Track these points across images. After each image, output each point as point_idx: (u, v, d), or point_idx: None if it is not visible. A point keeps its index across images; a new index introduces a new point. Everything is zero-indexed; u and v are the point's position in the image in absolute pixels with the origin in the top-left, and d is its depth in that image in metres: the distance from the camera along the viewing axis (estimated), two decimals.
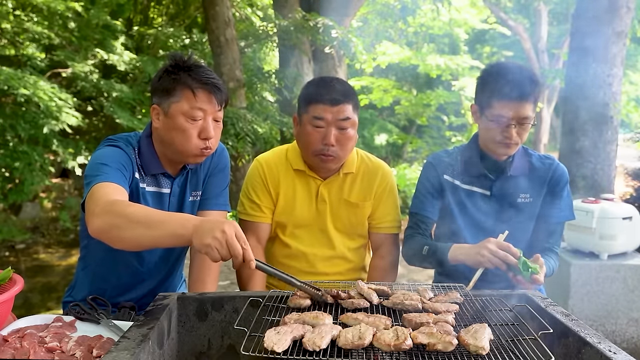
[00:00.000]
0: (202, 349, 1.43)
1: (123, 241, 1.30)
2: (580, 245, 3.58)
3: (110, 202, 1.33)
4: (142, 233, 1.26)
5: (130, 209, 1.30)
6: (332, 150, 1.80)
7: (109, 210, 1.31)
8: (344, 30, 7.73)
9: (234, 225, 1.20)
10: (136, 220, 1.26)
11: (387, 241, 2.01)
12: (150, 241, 1.29)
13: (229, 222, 1.20)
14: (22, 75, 6.86)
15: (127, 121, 8.05)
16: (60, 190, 9.95)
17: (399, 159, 14.46)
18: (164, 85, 1.57)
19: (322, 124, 1.78)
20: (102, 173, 1.46)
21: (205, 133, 1.56)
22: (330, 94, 1.77)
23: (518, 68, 1.74)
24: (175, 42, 9.89)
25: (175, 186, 1.71)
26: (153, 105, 1.60)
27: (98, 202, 1.35)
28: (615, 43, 5.05)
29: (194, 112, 1.54)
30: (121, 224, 1.27)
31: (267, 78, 8.92)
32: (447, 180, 1.89)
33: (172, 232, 1.23)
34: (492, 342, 1.13)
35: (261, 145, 6.75)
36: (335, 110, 1.77)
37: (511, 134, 1.72)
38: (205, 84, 1.55)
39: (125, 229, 1.27)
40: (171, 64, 1.58)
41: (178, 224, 1.23)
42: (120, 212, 1.29)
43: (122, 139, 1.65)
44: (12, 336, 1.27)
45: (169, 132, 1.57)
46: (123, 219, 1.27)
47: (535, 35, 13.76)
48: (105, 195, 1.37)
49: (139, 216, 1.27)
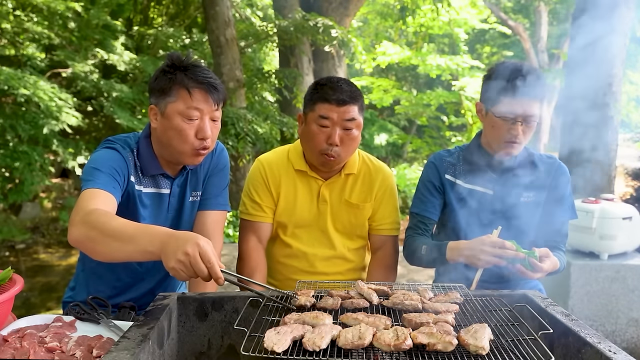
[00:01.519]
0: (202, 349, 1.43)
1: (98, 254, 1.30)
2: (580, 245, 3.58)
3: (88, 212, 1.31)
4: (115, 248, 1.25)
5: (104, 222, 1.28)
6: (335, 151, 1.80)
7: (86, 220, 1.29)
8: (344, 30, 7.73)
9: (197, 244, 1.16)
10: (110, 234, 1.25)
11: (387, 243, 2.01)
12: (122, 256, 1.27)
13: (191, 242, 1.16)
14: (22, 75, 6.87)
15: (127, 121, 8.05)
16: (60, 190, 9.95)
17: (399, 159, 14.47)
18: (160, 85, 1.56)
19: (327, 123, 1.79)
20: (92, 179, 1.46)
21: (202, 133, 1.55)
22: (337, 94, 1.78)
23: (526, 66, 1.75)
24: (175, 42, 9.89)
25: (175, 187, 1.71)
26: (150, 105, 1.60)
27: (78, 211, 1.33)
28: (615, 43, 5.05)
29: (190, 112, 1.54)
30: (95, 237, 1.26)
31: (267, 78, 8.93)
32: (448, 179, 1.89)
33: (143, 249, 1.22)
34: (492, 342, 1.13)
35: (261, 145, 6.76)
36: (341, 110, 1.78)
37: (517, 131, 1.72)
38: (201, 84, 1.54)
39: (99, 243, 1.26)
40: (168, 64, 1.57)
41: (147, 241, 1.21)
42: (95, 224, 1.27)
43: (121, 140, 1.64)
44: (12, 336, 1.27)
45: (166, 133, 1.57)
46: (97, 232, 1.26)
47: (535, 35, 13.76)
48: (87, 204, 1.36)
49: (113, 230, 1.25)
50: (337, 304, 1.36)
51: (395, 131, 14.39)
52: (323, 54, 8.26)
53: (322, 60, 8.45)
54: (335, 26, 7.42)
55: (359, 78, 13.23)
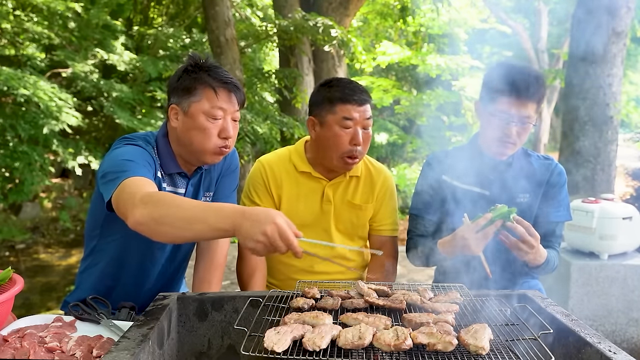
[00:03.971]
0: (202, 349, 1.43)
1: (162, 234, 1.26)
2: (580, 245, 3.58)
3: (149, 194, 1.29)
4: (183, 227, 1.22)
5: (170, 202, 1.26)
6: (359, 151, 1.82)
7: (148, 202, 1.26)
8: (343, 30, 7.73)
9: (275, 224, 1.14)
10: (177, 215, 1.22)
11: (386, 243, 2.02)
12: (190, 235, 1.25)
13: (269, 222, 1.14)
14: (22, 75, 6.87)
15: (127, 121, 8.06)
16: (60, 190, 9.95)
17: (399, 158, 14.46)
18: (184, 85, 1.56)
19: (350, 124, 1.80)
20: (129, 169, 1.41)
21: (225, 132, 1.57)
22: (357, 94, 1.80)
23: (524, 67, 1.76)
24: (175, 42, 9.89)
25: (189, 186, 1.71)
26: (171, 105, 1.59)
27: (135, 195, 1.30)
28: (615, 43, 5.05)
29: (214, 111, 1.54)
30: (160, 217, 1.23)
31: (267, 78, 8.93)
32: (446, 180, 1.89)
33: (213, 227, 1.19)
34: (492, 342, 1.13)
35: (261, 145, 6.76)
36: (362, 109, 1.80)
37: (511, 132, 1.72)
38: (226, 83, 1.56)
39: (164, 223, 1.23)
40: (191, 64, 1.58)
41: (218, 219, 1.18)
42: (159, 204, 1.25)
43: (140, 138, 1.62)
44: (12, 336, 1.27)
45: (188, 132, 1.56)
46: (162, 212, 1.23)
47: (535, 35, 13.77)
48: (142, 187, 1.34)
49: (179, 209, 1.23)
50: (337, 304, 1.36)
51: (395, 131, 14.38)
52: (323, 54, 8.25)
53: (322, 60, 8.44)
54: (335, 26, 7.41)
55: (359, 78, 13.20)
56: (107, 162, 1.49)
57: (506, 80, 1.70)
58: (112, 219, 1.56)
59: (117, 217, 1.37)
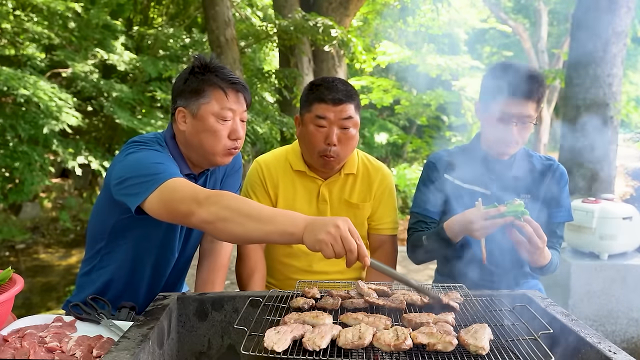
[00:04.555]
0: (202, 349, 1.43)
1: (229, 234, 1.27)
2: (580, 245, 3.58)
3: (215, 194, 1.30)
4: (251, 227, 1.23)
5: (239, 203, 1.27)
6: (334, 150, 1.81)
7: (215, 201, 1.27)
8: (343, 30, 7.73)
9: (347, 221, 1.18)
10: (246, 214, 1.23)
11: (386, 242, 2.02)
12: (257, 235, 1.25)
13: (342, 218, 1.18)
14: (22, 75, 6.87)
15: (127, 121, 8.06)
16: (60, 190, 9.95)
17: (399, 158, 14.47)
18: (192, 87, 1.54)
19: (324, 123, 1.79)
20: (163, 170, 1.39)
21: (235, 133, 1.56)
22: (332, 94, 1.79)
23: (524, 67, 1.75)
24: (175, 42, 9.89)
25: None
26: (178, 108, 1.57)
27: (197, 193, 1.30)
28: (615, 43, 5.05)
29: (224, 113, 1.54)
30: (229, 217, 1.24)
31: (267, 78, 8.93)
32: (447, 179, 1.89)
33: (282, 230, 1.21)
34: (492, 342, 1.13)
35: (261, 145, 6.77)
36: (337, 109, 1.79)
37: (512, 131, 1.72)
38: (235, 84, 1.55)
39: (232, 222, 1.24)
40: (197, 65, 1.56)
41: (288, 222, 1.21)
42: (228, 204, 1.26)
43: (153, 141, 1.59)
44: (12, 336, 1.27)
45: (197, 135, 1.55)
46: (231, 212, 1.24)
47: (535, 35, 13.77)
48: (196, 187, 1.34)
49: (250, 210, 1.24)
50: (337, 303, 1.36)
51: (395, 131, 14.39)
52: (323, 54, 8.26)
53: (322, 60, 8.44)
54: (335, 26, 7.41)
55: (359, 78, 13.21)
56: (127, 167, 1.45)
57: (506, 80, 1.70)
58: (125, 222, 1.57)
59: (131, 221, 1.35)
